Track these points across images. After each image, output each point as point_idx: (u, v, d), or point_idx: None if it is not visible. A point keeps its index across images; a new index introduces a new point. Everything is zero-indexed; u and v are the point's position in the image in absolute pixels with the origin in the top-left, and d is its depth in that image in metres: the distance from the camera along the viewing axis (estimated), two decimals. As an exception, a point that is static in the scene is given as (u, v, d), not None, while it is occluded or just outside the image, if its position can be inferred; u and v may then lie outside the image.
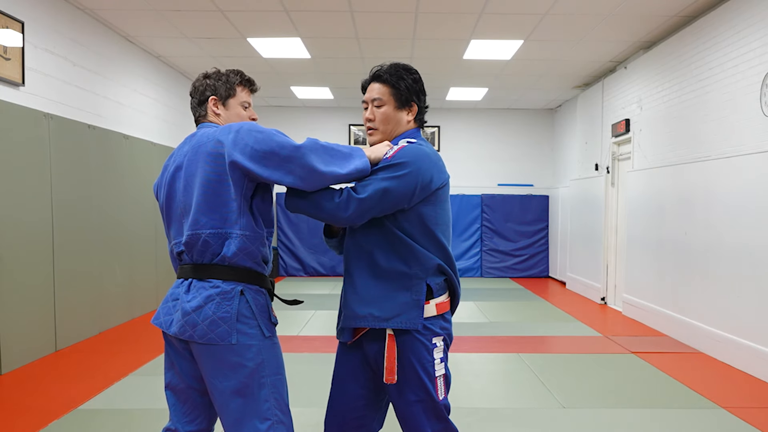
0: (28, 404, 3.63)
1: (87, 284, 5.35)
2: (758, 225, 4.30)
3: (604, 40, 6.22)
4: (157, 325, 1.91)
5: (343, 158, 1.80)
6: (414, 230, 1.87)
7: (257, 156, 1.74)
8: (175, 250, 1.91)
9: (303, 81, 8.23)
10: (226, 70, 2.00)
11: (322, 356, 4.78)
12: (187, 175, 1.84)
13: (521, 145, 10.49)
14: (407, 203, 1.84)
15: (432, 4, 5.19)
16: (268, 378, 1.82)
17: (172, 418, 1.94)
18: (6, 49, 4.35)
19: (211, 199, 1.78)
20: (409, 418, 1.90)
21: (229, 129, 1.80)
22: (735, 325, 4.57)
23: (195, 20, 5.68)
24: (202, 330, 1.77)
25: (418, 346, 1.88)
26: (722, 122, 4.83)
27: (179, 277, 1.90)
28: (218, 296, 1.79)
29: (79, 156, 5.26)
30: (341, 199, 1.80)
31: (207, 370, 1.81)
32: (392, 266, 1.87)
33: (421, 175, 1.83)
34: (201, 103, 1.97)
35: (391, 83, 1.97)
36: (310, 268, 10.22)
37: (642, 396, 3.88)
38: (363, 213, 1.81)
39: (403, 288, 1.87)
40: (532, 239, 10.35)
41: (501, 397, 3.85)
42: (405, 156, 1.83)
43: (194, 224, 1.80)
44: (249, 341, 1.80)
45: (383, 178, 1.80)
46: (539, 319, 6.52)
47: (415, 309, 1.86)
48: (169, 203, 1.91)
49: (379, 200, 1.79)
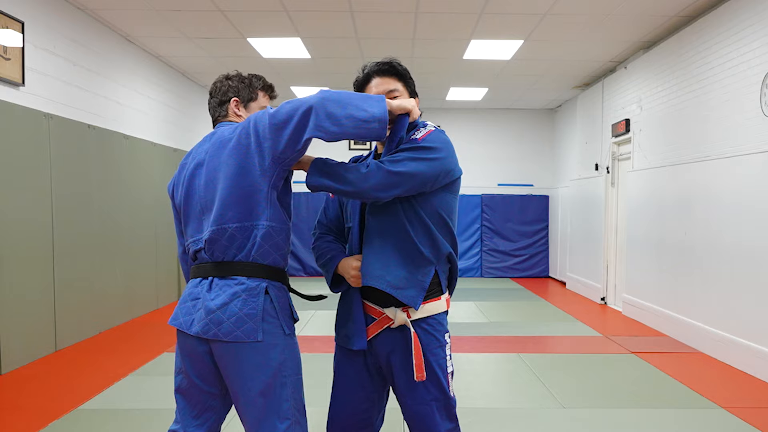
0: (28, 404, 3.63)
1: (87, 284, 5.35)
2: (758, 225, 4.30)
3: (604, 40, 6.22)
4: (176, 326, 1.87)
5: (362, 100, 1.76)
6: (432, 217, 1.89)
7: (276, 128, 1.75)
8: (192, 248, 1.89)
9: (303, 81, 8.24)
10: (249, 74, 2.03)
11: (322, 356, 4.78)
12: (209, 171, 1.84)
13: (521, 145, 10.49)
14: (430, 187, 1.85)
15: (432, 4, 5.19)
16: (290, 378, 1.83)
17: (180, 421, 1.91)
18: (6, 49, 4.35)
19: (237, 191, 1.78)
20: (423, 416, 1.89)
21: (249, 120, 1.82)
22: (735, 325, 4.57)
23: (195, 20, 5.68)
24: (228, 327, 1.76)
25: (434, 343, 1.90)
26: (722, 122, 4.83)
27: (196, 276, 1.88)
28: (244, 293, 1.78)
29: (79, 156, 5.26)
30: (368, 170, 1.78)
31: (230, 371, 1.80)
32: (409, 242, 1.88)
33: (447, 162, 1.86)
34: (222, 104, 1.99)
35: (401, 75, 1.99)
36: (310, 268, 10.22)
37: (642, 396, 3.88)
38: (388, 187, 1.79)
39: (414, 265, 1.88)
40: (532, 239, 10.35)
41: (501, 397, 3.85)
42: (435, 141, 1.86)
43: (219, 218, 1.79)
44: (273, 340, 1.80)
45: (414, 158, 1.80)
46: (539, 319, 6.52)
47: (416, 289, 1.87)
48: (188, 201, 1.91)
49: (407, 178, 1.79)
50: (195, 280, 1.88)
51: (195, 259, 1.90)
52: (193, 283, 1.88)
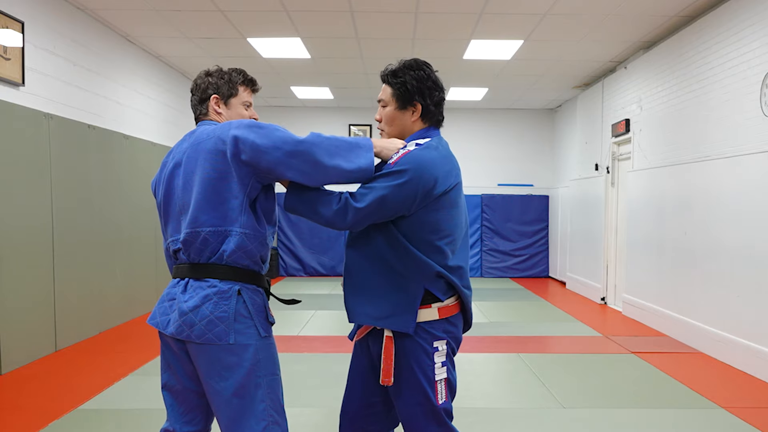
0: (28, 404, 3.63)
1: (87, 284, 5.35)
2: (758, 225, 4.30)
3: (604, 40, 6.22)
4: (153, 325, 1.89)
5: (349, 150, 1.77)
6: (414, 236, 1.83)
7: (259, 151, 1.72)
8: (171, 247, 1.90)
9: (303, 81, 8.23)
10: (229, 68, 1.98)
11: (321, 356, 4.78)
12: (186, 173, 1.83)
13: (521, 145, 10.49)
14: (407, 210, 1.80)
15: (432, 4, 5.19)
16: (264, 378, 1.81)
17: (170, 419, 1.93)
18: (6, 49, 4.35)
19: (212, 196, 1.77)
20: (409, 419, 1.91)
21: (230, 126, 1.78)
22: (735, 325, 4.57)
23: (195, 20, 5.68)
24: (200, 330, 1.76)
25: (417, 350, 1.87)
26: (722, 122, 4.83)
27: (175, 276, 1.89)
28: (215, 296, 1.77)
29: (79, 156, 5.26)
30: (339, 207, 1.78)
31: (204, 371, 1.81)
32: (389, 267, 1.85)
33: (423, 182, 1.77)
34: (202, 101, 1.96)
35: (392, 84, 1.95)
36: (310, 268, 10.22)
37: (642, 396, 3.88)
38: (360, 221, 1.79)
39: (398, 290, 1.85)
40: (532, 239, 10.35)
41: (501, 397, 3.85)
42: (406, 163, 1.79)
43: (193, 222, 1.79)
44: (246, 341, 1.79)
45: (383, 187, 1.76)
46: (539, 319, 6.52)
47: (407, 313, 1.84)
48: (167, 200, 1.90)
49: (378, 208, 1.77)
50: (174, 281, 1.89)
51: (176, 259, 1.91)
52: (172, 283, 1.89)
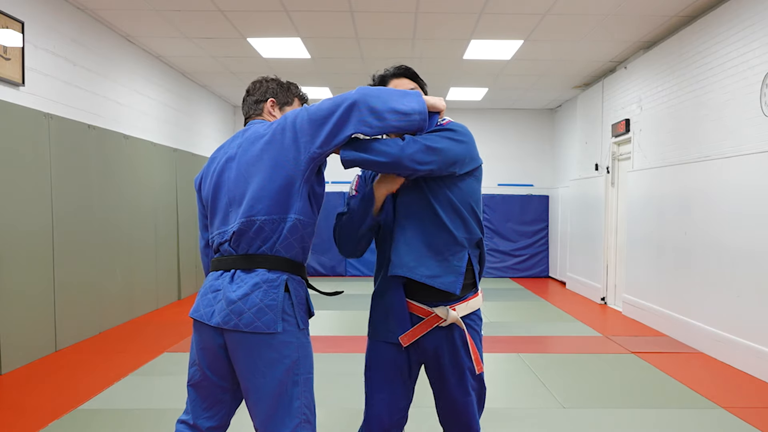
0: (28, 404, 3.63)
1: (87, 284, 5.35)
2: (758, 225, 4.30)
3: (604, 40, 6.22)
4: (197, 317, 1.90)
5: (402, 96, 1.82)
6: (461, 201, 1.93)
7: (315, 123, 1.79)
8: (216, 240, 1.93)
9: (303, 81, 8.23)
10: (286, 81, 2.11)
11: (322, 356, 4.78)
12: (240, 165, 1.88)
13: (521, 145, 10.49)
14: (458, 168, 1.89)
15: (432, 4, 5.19)
16: (302, 376, 1.84)
17: (190, 413, 1.94)
18: (6, 49, 4.35)
19: (269, 185, 1.82)
20: (464, 409, 1.97)
21: (285, 117, 1.87)
22: (735, 325, 4.57)
23: (195, 20, 5.68)
24: (249, 318, 1.78)
25: (476, 338, 1.99)
26: (722, 122, 4.83)
27: (217, 269, 1.90)
28: (265, 284, 1.81)
29: (79, 156, 5.26)
30: (405, 142, 1.81)
31: (243, 366, 1.82)
32: (442, 230, 1.91)
33: (472, 147, 1.94)
34: (259, 102, 2.05)
35: (418, 81, 2.07)
36: (310, 268, 10.23)
37: (642, 396, 3.88)
38: (424, 159, 1.80)
39: (448, 252, 1.91)
40: (532, 239, 10.35)
41: (501, 397, 3.85)
42: (460, 127, 1.92)
43: (249, 210, 1.83)
44: (288, 338, 1.82)
45: (445, 137, 1.85)
46: (539, 319, 6.52)
47: (454, 274, 1.90)
48: (216, 194, 1.94)
49: (441, 154, 1.82)
50: (216, 273, 1.90)
51: (217, 252, 1.93)
52: (214, 275, 1.91)
